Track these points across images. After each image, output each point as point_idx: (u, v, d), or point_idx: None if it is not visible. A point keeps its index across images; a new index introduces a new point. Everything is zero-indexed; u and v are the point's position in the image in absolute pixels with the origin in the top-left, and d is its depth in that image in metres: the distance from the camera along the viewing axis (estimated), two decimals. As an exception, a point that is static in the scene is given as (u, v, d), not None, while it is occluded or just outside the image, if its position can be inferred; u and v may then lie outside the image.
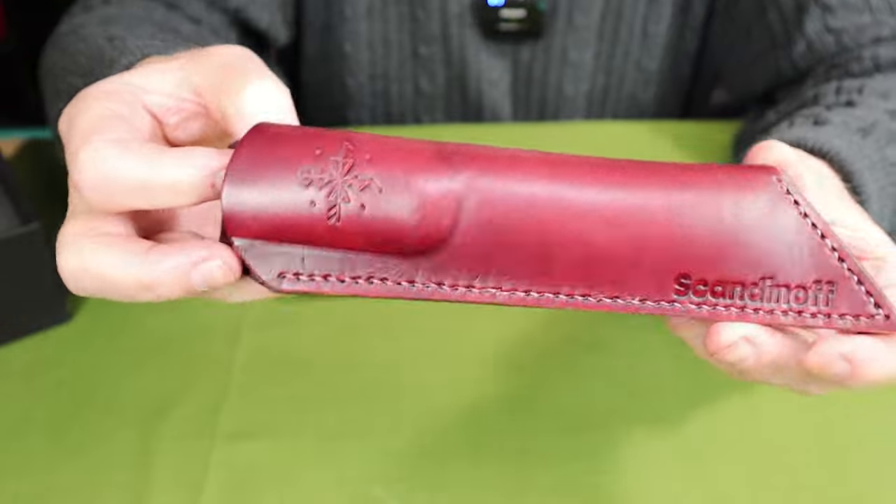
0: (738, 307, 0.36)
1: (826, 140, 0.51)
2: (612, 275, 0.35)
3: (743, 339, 0.35)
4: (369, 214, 0.34)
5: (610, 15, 0.77)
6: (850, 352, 0.35)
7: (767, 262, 0.36)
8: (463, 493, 0.53)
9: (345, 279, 0.35)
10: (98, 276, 0.34)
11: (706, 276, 0.36)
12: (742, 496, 0.52)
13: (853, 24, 0.67)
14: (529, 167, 0.35)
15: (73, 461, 0.54)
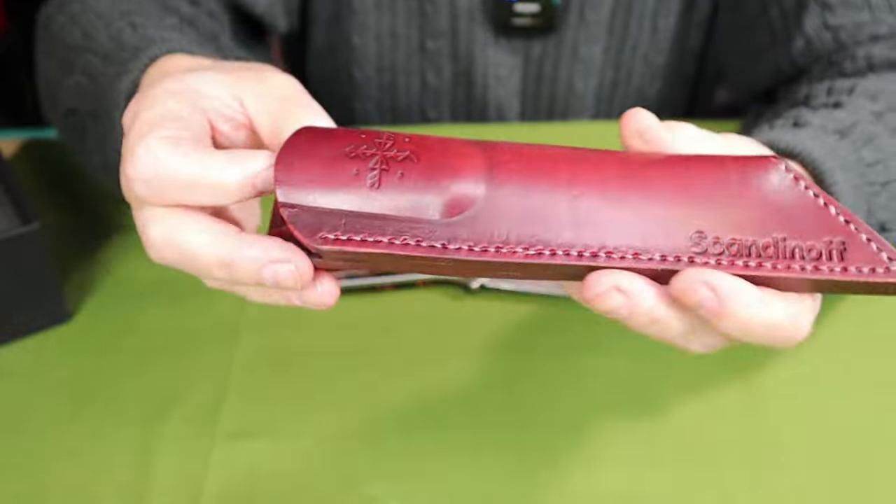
0: (756, 262, 0.37)
1: (798, 142, 0.52)
2: (629, 231, 0.37)
3: (614, 287, 0.36)
4: (408, 181, 0.37)
5: (620, 10, 0.77)
6: (712, 280, 0.36)
7: (777, 223, 0.37)
8: (463, 492, 0.53)
9: (382, 239, 0.37)
10: (183, 249, 0.38)
11: (720, 235, 0.37)
12: (742, 496, 0.52)
13: (852, 21, 0.67)
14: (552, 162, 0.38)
15: (73, 461, 0.54)
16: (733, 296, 0.36)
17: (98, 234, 0.68)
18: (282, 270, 0.37)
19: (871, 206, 0.54)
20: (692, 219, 0.37)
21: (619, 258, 0.37)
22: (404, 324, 0.62)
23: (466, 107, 0.82)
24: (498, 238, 0.37)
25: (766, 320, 0.37)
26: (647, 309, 0.37)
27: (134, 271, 0.65)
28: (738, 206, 0.38)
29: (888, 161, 0.56)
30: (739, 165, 0.39)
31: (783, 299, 0.38)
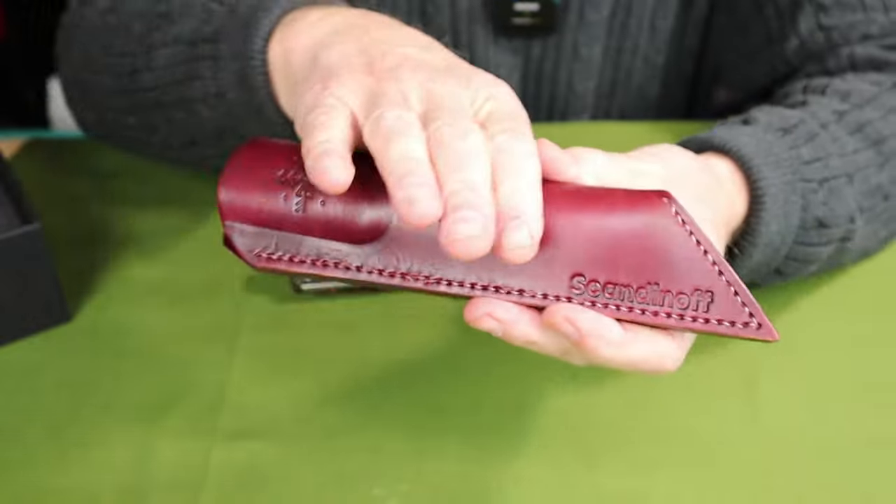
0: (626, 307, 0.41)
1: (731, 138, 0.55)
2: (519, 274, 0.41)
3: (486, 314, 0.41)
4: (329, 209, 0.42)
5: (620, 10, 0.77)
6: (573, 316, 0.40)
7: (653, 269, 0.41)
8: (463, 492, 0.53)
9: (306, 260, 0.42)
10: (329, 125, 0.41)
11: (598, 277, 0.41)
12: (743, 496, 0.52)
13: (845, 21, 0.67)
14: None
15: (73, 461, 0.54)
16: (594, 333, 0.40)
17: (98, 235, 0.68)
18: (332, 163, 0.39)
19: (808, 202, 0.56)
20: (574, 261, 0.41)
21: (505, 293, 0.41)
22: (404, 324, 0.62)
23: None
24: (402, 266, 0.42)
25: (627, 358, 0.41)
26: (520, 333, 0.41)
27: (134, 271, 0.65)
28: (619, 251, 0.41)
29: (828, 159, 0.57)
30: (630, 204, 0.41)
31: (649, 339, 0.41)
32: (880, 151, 0.60)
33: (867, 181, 0.58)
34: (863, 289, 0.64)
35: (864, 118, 0.60)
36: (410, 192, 0.38)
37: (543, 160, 0.42)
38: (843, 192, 0.57)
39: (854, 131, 0.59)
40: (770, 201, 0.54)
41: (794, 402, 0.57)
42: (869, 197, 0.59)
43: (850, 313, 0.62)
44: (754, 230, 0.54)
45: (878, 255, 0.66)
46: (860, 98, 0.62)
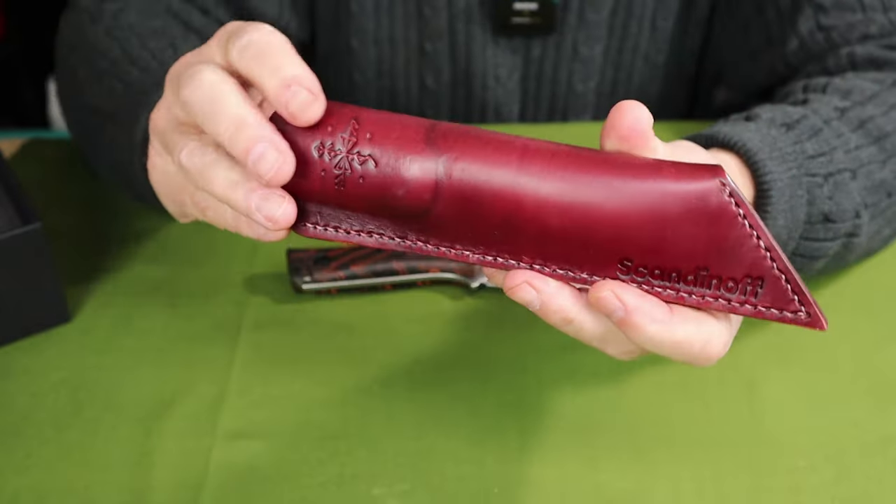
0: (673, 290, 0.40)
1: (736, 133, 0.55)
2: (563, 252, 0.40)
3: (525, 282, 0.40)
4: (367, 184, 0.41)
5: (620, 10, 0.77)
6: (621, 293, 0.39)
7: (703, 254, 0.39)
8: (463, 492, 0.53)
9: (350, 231, 0.43)
10: (221, 91, 0.41)
11: (647, 262, 0.40)
12: (743, 497, 0.52)
13: (844, 22, 0.67)
14: (502, 155, 0.41)
15: (73, 461, 0.54)
16: (640, 309, 0.39)
17: (98, 234, 0.68)
18: (271, 154, 0.40)
19: (813, 197, 0.56)
20: (622, 246, 0.40)
21: (550, 271, 0.41)
22: (404, 324, 0.62)
23: (466, 108, 0.83)
24: (445, 240, 0.42)
25: (673, 337, 0.40)
26: (558, 307, 0.40)
27: (134, 271, 0.65)
28: (668, 234, 0.40)
29: (833, 153, 0.57)
30: (680, 180, 0.40)
31: (696, 320, 0.40)
32: (883, 148, 0.60)
33: (871, 177, 0.58)
34: (863, 289, 0.64)
35: (866, 115, 0.60)
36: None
37: (633, 123, 0.41)
38: (848, 187, 0.57)
39: (856, 128, 0.59)
40: (776, 195, 0.54)
41: (794, 402, 0.57)
42: (873, 193, 0.59)
43: (850, 313, 0.62)
44: None
45: (878, 256, 0.66)
46: (861, 95, 0.62)
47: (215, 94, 0.41)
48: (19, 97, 1.57)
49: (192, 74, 0.42)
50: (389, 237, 0.42)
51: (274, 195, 0.41)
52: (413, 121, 0.42)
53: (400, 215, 0.41)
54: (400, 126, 0.41)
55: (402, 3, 0.78)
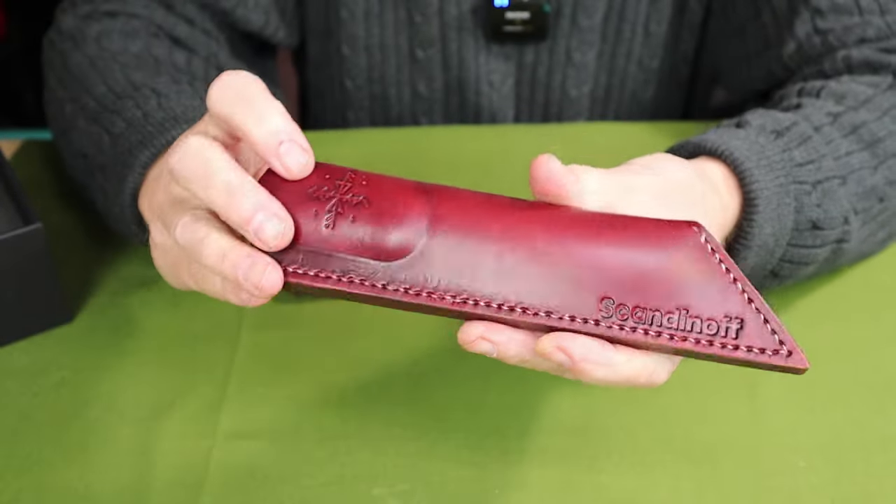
0: (655, 331, 0.41)
1: (724, 142, 0.55)
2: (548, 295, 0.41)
3: (480, 337, 0.42)
4: (358, 225, 0.42)
5: (613, 15, 0.77)
6: (566, 345, 0.41)
7: (684, 295, 0.41)
8: (463, 493, 0.53)
9: (332, 276, 0.42)
10: (210, 160, 0.42)
11: (626, 302, 0.41)
12: (744, 497, 0.52)
13: (841, 24, 0.67)
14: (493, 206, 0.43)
15: (73, 461, 0.54)
16: (586, 359, 0.41)
17: (98, 234, 0.68)
18: (271, 223, 0.41)
19: (801, 205, 0.56)
20: (603, 284, 0.41)
21: (532, 314, 0.41)
22: (404, 324, 0.62)
23: (459, 114, 0.83)
24: (430, 284, 0.42)
25: (619, 377, 0.42)
26: (513, 354, 0.42)
27: (134, 271, 0.65)
28: (649, 275, 0.41)
29: (822, 161, 0.57)
30: (659, 231, 0.42)
31: (637, 357, 0.42)
32: (875, 153, 0.60)
33: (862, 183, 0.58)
34: (862, 289, 0.64)
35: (859, 120, 0.60)
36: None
37: (546, 174, 0.43)
38: (836, 194, 0.57)
39: (848, 133, 0.59)
40: (763, 204, 0.54)
41: (794, 402, 0.57)
42: (864, 199, 0.59)
43: (850, 314, 0.62)
44: (748, 233, 0.54)
45: (877, 257, 0.66)
46: (855, 100, 0.62)
47: (202, 160, 0.42)
48: (19, 97, 1.57)
49: (178, 143, 0.44)
50: (371, 283, 0.42)
51: (260, 262, 0.41)
52: (405, 179, 0.44)
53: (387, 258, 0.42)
54: (394, 180, 0.43)
55: (393, 10, 0.77)
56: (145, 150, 0.57)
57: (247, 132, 0.42)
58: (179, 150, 0.43)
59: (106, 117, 0.61)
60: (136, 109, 0.60)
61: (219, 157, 0.42)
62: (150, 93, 0.61)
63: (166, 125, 0.58)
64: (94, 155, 0.61)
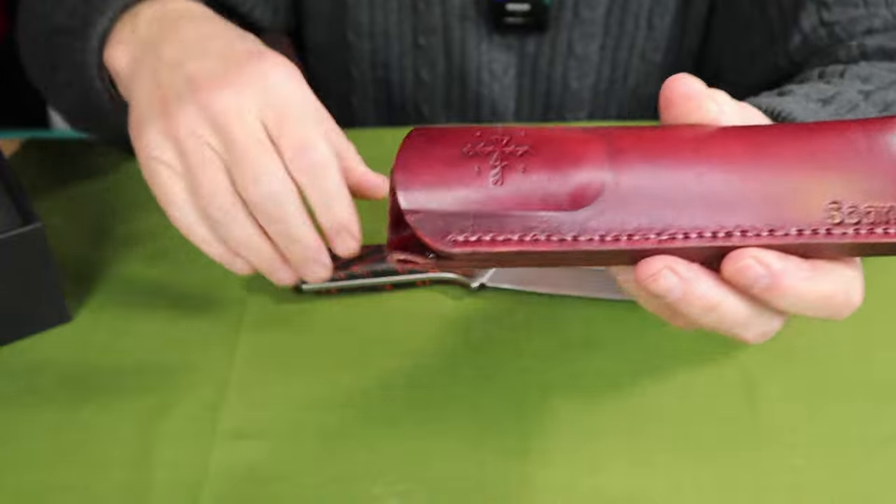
0: (894, 227, 0.36)
1: (780, 104, 0.53)
2: (765, 212, 0.36)
3: (667, 267, 0.36)
4: (531, 175, 0.37)
5: (616, 8, 0.77)
6: (763, 257, 0.36)
7: None
8: (463, 493, 0.53)
9: (512, 237, 0.36)
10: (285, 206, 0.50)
11: (856, 203, 0.36)
12: (743, 496, 0.52)
13: (847, 16, 0.68)
14: (675, 132, 0.38)
15: (73, 461, 0.54)
16: (786, 270, 0.36)
17: (98, 235, 0.68)
18: (342, 242, 0.51)
19: None
20: (826, 188, 0.36)
21: (753, 236, 0.36)
22: (404, 324, 0.62)
23: (461, 103, 0.83)
24: (629, 225, 0.36)
25: (822, 291, 0.37)
26: (701, 294, 0.37)
27: (134, 272, 0.65)
28: (870, 171, 0.36)
29: None
30: (863, 129, 0.37)
31: (833, 269, 0.38)
32: None
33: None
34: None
35: (890, 98, 0.59)
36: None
37: (685, 91, 0.39)
38: None
39: (882, 110, 0.58)
40: None
41: (794, 401, 0.57)
42: None
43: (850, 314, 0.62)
44: None
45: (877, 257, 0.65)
46: (881, 81, 0.61)
47: (281, 201, 0.49)
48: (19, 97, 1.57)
49: (258, 175, 0.48)
50: (558, 238, 0.37)
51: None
52: (568, 126, 0.39)
53: (568, 208, 0.37)
54: (553, 127, 0.39)
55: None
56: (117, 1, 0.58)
57: (314, 206, 0.50)
58: (261, 183, 0.48)
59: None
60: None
61: (296, 210, 0.49)
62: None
63: None
64: (58, 19, 0.62)
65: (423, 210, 0.37)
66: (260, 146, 0.48)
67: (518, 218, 0.36)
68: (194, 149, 0.49)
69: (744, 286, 0.37)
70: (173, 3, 0.57)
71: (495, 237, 0.36)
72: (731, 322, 0.38)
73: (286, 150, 0.49)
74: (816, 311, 0.38)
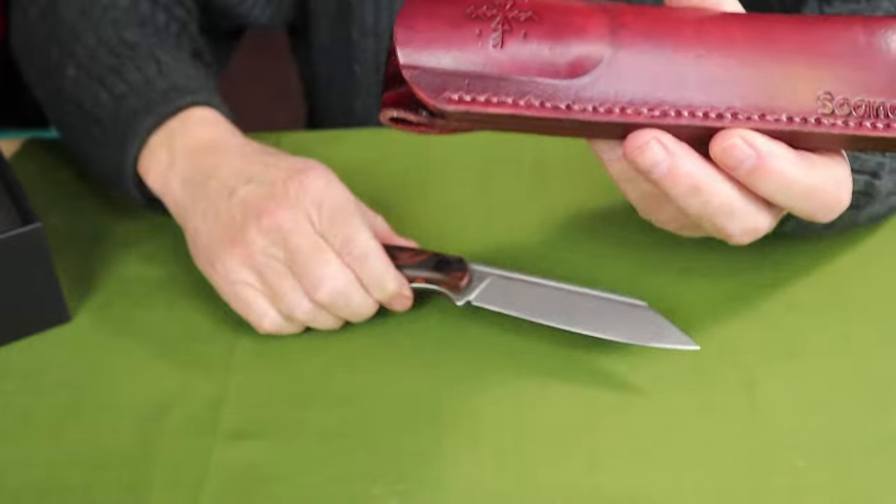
0: (883, 124, 0.37)
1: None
2: (758, 96, 0.37)
3: (654, 139, 0.36)
4: (532, 41, 0.37)
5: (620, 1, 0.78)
6: (751, 138, 0.36)
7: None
8: (463, 493, 0.53)
9: (507, 100, 0.37)
10: (373, 259, 0.58)
11: (848, 95, 0.37)
12: (743, 496, 0.52)
13: (848, 9, 0.67)
14: (674, 19, 0.38)
15: (73, 461, 0.54)
16: (774, 153, 0.36)
17: (98, 234, 0.68)
18: (399, 303, 0.60)
19: None
20: (820, 78, 0.37)
21: (744, 119, 0.37)
22: (404, 323, 0.61)
23: None
24: (622, 98, 0.37)
25: (809, 181, 0.37)
26: (687, 170, 0.37)
27: (134, 271, 0.65)
28: (866, 66, 0.37)
29: None
30: (867, 25, 0.37)
31: (823, 164, 0.38)
32: None
33: None
34: (863, 289, 0.64)
35: None
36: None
37: None
38: None
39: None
40: None
41: (794, 402, 0.57)
42: None
43: (850, 313, 0.62)
44: None
45: (877, 256, 0.65)
46: None
47: (342, 292, 0.57)
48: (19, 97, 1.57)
49: (321, 278, 0.56)
50: (551, 105, 0.37)
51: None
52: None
53: (565, 76, 0.37)
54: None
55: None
56: (149, 117, 0.61)
57: (368, 288, 0.58)
58: (325, 284, 0.56)
59: (102, 73, 0.64)
60: (136, 73, 0.63)
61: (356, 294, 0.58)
62: (149, 57, 0.64)
63: (170, 95, 0.62)
64: (90, 108, 0.64)
65: (421, 67, 0.37)
66: (317, 250, 0.56)
67: (514, 82, 0.37)
68: (267, 264, 0.56)
69: (730, 166, 0.37)
70: (198, 128, 0.62)
71: (490, 99, 0.37)
72: (717, 208, 0.38)
73: (335, 244, 0.56)
74: (803, 204, 0.38)
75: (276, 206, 0.56)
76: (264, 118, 1.31)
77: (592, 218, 0.69)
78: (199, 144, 0.61)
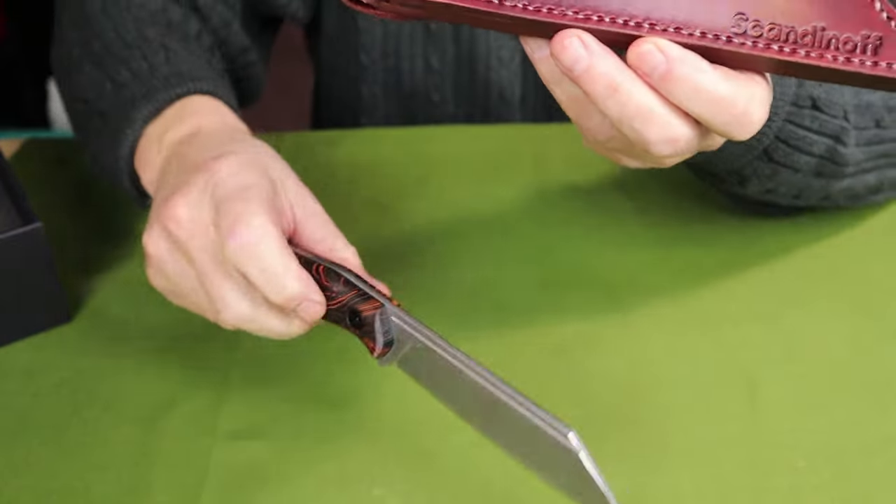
0: (790, 48, 0.39)
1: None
2: (677, 10, 0.39)
3: (577, 36, 0.39)
4: None
5: None
6: (663, 45, 0.38)
7: (819, 12, 0.39)
8: (463, 493, 0.53)
9: None
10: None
11: (760, 18, 0.39)
12: (743, 496, 0.52)
13: None
14: None
15: (73, 461, 0.54)
16: (684, 59, 0.38)
17: (98, 234, 0.68)
18: (311, 308, 0.49)
19: (802, 80, 0.55)
20: (736, 1, 0.39)
21: (660, 30, 0.39)
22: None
23: (469, 89, 0.83)
24: (550, 0, 0.39)
25: (719, 91, 0.39)
26: (605, 69, 0.39)
27: (134, 271, 0.65)
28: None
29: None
30: None
31: (737, 79, 0.39)
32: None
33: (859, 95, 0.58)
34: (862, 288, 0.64)
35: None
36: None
37: None
38: (840, 89, 0.56)
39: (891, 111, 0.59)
40: None
41: (794, 402, 0.57)
42: (861, 114, 0.58)
43: (850, 313, 0.62)
44: None
45: (877, 256, 0.66)
46: None
47: (253, 318, 0.50)
48: (19, 97, 1.57)
49: (222, 299, 0.50)
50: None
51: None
52: None
53: None
54: None
55: None
56: (147, 105, 0.59)
57: (264, 293, 0.48)
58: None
59: (111, 64, 0.62)
60: (142, 61, 0.61)
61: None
62: (160, 47, 0.62)
63: (171, 81, 0.59)
64: (94, 100, 0.62)
65: None
66: (216, 265, 0.50)
67: None
68: (169, 264, 0.52)
69: (644, 72, 0.39)
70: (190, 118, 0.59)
71: None
72: (634, 111, 0.40)
73: (221, 233, 0.48)
74: (714, 115, 0.39)
75: (178, 202, 0.50)
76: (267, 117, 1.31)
77: (592, 217, 0.69)
78: (183, 137, 0.58)
